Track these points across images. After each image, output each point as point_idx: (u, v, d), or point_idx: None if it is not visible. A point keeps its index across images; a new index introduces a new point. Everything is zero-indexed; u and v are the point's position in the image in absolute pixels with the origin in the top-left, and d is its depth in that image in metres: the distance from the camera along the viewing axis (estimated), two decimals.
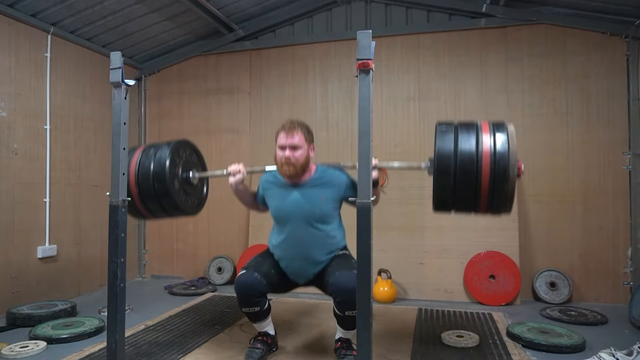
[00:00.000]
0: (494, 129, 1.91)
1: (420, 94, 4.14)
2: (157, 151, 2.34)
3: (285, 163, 2.29)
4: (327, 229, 2.37)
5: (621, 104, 3.68)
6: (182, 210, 2.43)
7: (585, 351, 2.55)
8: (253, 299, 2.31)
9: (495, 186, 1.85)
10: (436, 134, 1.92)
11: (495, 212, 1.98)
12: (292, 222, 2.35)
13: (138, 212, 2.42)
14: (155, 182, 2.28)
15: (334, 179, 2.38)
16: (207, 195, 2.72)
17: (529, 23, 3.87)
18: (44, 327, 2.89)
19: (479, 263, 3.69)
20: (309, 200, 2.32)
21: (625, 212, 3.64)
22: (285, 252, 2.41)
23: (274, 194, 2.44)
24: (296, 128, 2.31)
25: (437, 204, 1.99)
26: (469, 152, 1.85)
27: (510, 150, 1.83)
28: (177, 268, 4.74)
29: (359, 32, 1.77)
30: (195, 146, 2.62)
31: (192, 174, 2.50)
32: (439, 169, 1.88)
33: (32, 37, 3.58)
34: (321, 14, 4.43)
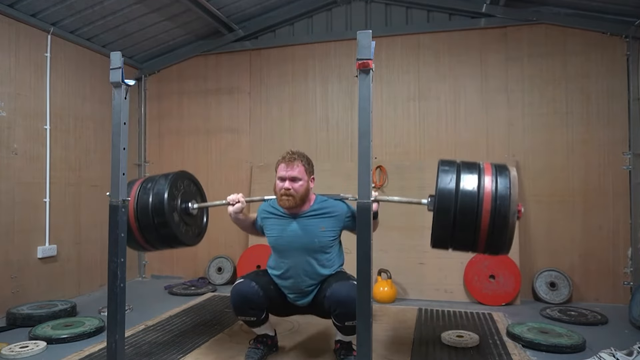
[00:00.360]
0: (496, 172, 1.91)
1: (420, 94, 4.14)
2: (155, 185, 2.33)
3: (284, 195, 2.27)
4: (325, 258, 2.35)
5: (621, 104, 3.68)
6: (182, 242, 2.43)
7: (585, 351, 2.55)
8: (249, 310, 2.29)
9: (494, 229, 1.85)
10: (438, 172, 1.92)
11: (493, 253, 1.99)
12: (291, 252, 2.33)
13: (138, 244, 2.41)
14: (154, 216, 2.28)
15: (334, 209, 2.37)
16: (207, 225, 2.72)
17: (529, 23, 3.87)
18: (44, 327, 2.89)
19: (479, 263, 3.69)
20: (308, 232, 2.31)
21: (625, 212, 3.64)
22: (284, 280, 2.38)
23: (273, 224, 2.41)
24: (296, 160, 2.30)
25: (435, 242, 2.00)
26: (470, 194, 1.86)
27: (511, 196, 1.83)
28: (177, 268, 4.74)
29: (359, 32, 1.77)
30: (193, 176, 2.62)
31: (191, 204, 2.49)
32: (439, 208, 1.88)
33: (32, 37, 3.58)
34: (321, 14, 4.43)
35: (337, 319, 2.20)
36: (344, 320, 2.17)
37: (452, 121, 4.07)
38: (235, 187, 4.50)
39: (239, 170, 4.55)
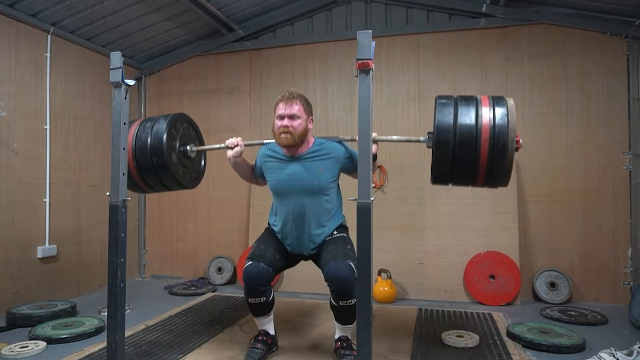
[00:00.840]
0: (493, 103, 1.91)
1: (420, 94, 4.14)
2: (155, 124, 2.32)
3: (283, 132, 2.30)
4: (325, 200, 2.38)
5: (621, 104, 3.68)
6: (180, 184, 2.43)
7: (585, 351, 2.55)
8: (260, 288, 2.32)
9: (493, 160, 1.86)
10: (436, 108, 1.93)
11: (493, 185, 2.00)
12: (291, 195, 2.37)
13: (136, 185, 2.42)
14: (152, 156, 2.27)
15: (333, 151, 2.39)
16: (204, 169, 2.71)
17: (529, 23, 3.87)
18: (44, 327, 2.89)
19: (479, 263, 3.69)
20: (308, 173, 2.34)
21: (625, 212, 3.64)
22: (285, 225, 2.42)
23: (272, 167, 2.44)
24: (295, 98, 2.33)
25: (436, 177, 2.01)
26: (468, 126, 1.87)
27: (509, 124, 1.84)
28: (177, 268, 4.74)
29: (359, 32, 1.77)
30: (192, 120, 2.61)
31: (189, 147, 2.49)
32: (438, 142, 1.89)
33: (32, 37, 3.58)
34: (321, 14, 4.43)
35: (333, 297, 2.24)
36: (338, 299, 2.21)
37: None
38: (235, 187, 4.51)
39: None
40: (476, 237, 3.78)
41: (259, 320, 2.47)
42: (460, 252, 3.79)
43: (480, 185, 2.00)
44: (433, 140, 1.91)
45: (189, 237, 4.71)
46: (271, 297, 2.41)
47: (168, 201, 4.76)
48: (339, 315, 2.33)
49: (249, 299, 2.36)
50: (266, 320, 2.47)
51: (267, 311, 2.44)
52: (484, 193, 3.80)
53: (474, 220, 3.82)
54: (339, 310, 2.27)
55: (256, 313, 2.44)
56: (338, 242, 2.37)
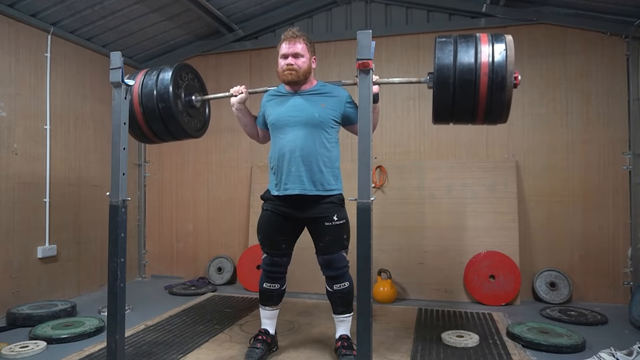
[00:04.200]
0: (492, 39, 1.94)
1: (420, 94, 4.13)
2: (160, 73, 2.34)
3: (287, 69, 2.31)
4: (325, 138, 2.35)
5: (621, 104, 3.68)
6: (186, 132, 2.46)
7: (585, 351, 2.55)
8: (277, 275, 2.45)
9: (493, 93, 1.90)
10: (436, 47, 1.96)
11: (492, 122, 2.03)
12: (291, 125, 2.34)
13: (143, 135, 2.44)
14: (159, 102, 2.29)
15: (335, 90, 2.41)
16: (209, 118, 2.75)
17: (529, 23, 3.87)
18: (44, 327, 2.89)
19: (479, 263, 3.69)
20: (309, 104, 2.34)
21: (625, 212, 3.64)
22: (281, 161, 2.35)
23: (274, 103, 2.45)
24: (298, 37, 2.33)
25: (437, 116, 2.05)
26: (467, 64, 1.90)
27: (508, 58, 1.88)
28: (177, 268, 4.74)
29: (359, 32, 1.78)
30: (197, 71, 2.63)
31: (194, 96, 2.52)
32: (439, 81, 1.93)
33: (32, 37, 3.58)
34: (321, 14, 4.43)
35: (328, 282, 2.37)
36: (332, 283, 2.34)
37: None
38: (235, 187, 4.51)
39: (239, 170, 4.55)
40: (476, 237, 3.78)
41: (265, 311, 2.48)
42: (460, 252, 3.79)
43: (480, 121, 2.04)
44: (434, 79, 1.94)
45: (189, 237, 4.71)
46: (284, 287, 2.49)
47: (168, 201, 4.76)
48: (335, 303, 2.38)
49: (264, 284, 2.44)
50: (271, 315, 2.49)
51: (276, 301, 2.48)
52: (484, 193, 3.82)
53: (474, 220, 3.82)
54: (335, 296, 2.35)
55: (265, 302, 2.47)
56: (337, 232, 2.33)
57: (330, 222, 2.34)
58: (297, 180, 2.32)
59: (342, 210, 2.39)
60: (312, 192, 2.31)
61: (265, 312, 2.50)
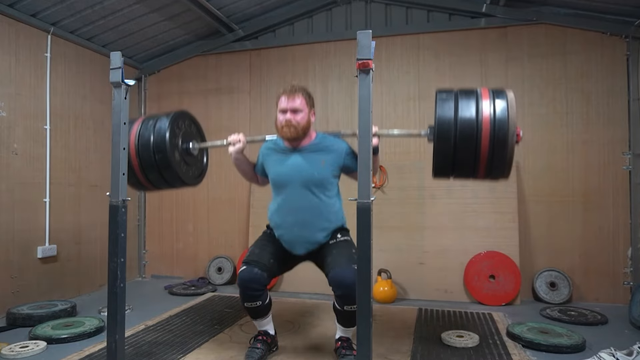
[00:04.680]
0: (493, 95, 1.92)
1: (420, 94, 4.13)
2: (157, 122, 2.32)
3: (286, 125, 2.30)
4: (325, 195, 2.36)
5: (621, 104, 3.68)
6: (183, 181, 2.44)
7: (585, 351, 2.55)
8: (254, 294, 2.31)
9: (494, 153, 1.87)
10: (436, 102, 1.93)
11: (494, 179, 2.01)
12: (291, 185, 2.34)
13: (139, 183, 2.42)
14: (155, 154, 2.27)
15: (334, 145, 2.39)
16: (207, 166, 2.72)
17: (529, 23, 3.87)
18: (44, 327, 2.89)
19: (479, 263, 3.69)
20: (309, 164, 2.33)
21: (625, 212, 3.64)
22: (283, 218, 2.38)
23: (273, 159, 2.44)
24: (297, 92, 2.32)
25: (437, 171, 2.01)
26: (469, 119, 1.87)
27: (510, 118, 1.85)
28: (177, 268, 4.74)
29: (359, 32, 1.77)
30: (194, 117, 2.61)
31: (192, 144, 2.50)
32: (439, 136, 1.89)
33: (32, 37, 3.58)
34: (321, 14, 4.43)
35: (338, 301, 2.23)
36: (343, 303, 2.20)
37: None
38: (235, 187, 4.51)
39: None
40: (476, 237, 3.78)
41: (257, 322, 2.46)
42: (460, 252, 3.79)
43: (481, 178, 2.01)
44: (434, 133, 1.91)
45: (189, 237, 4.71)
46: (267, 300, 2.39)
47: (168, 201, 4.76)
48: (342, 319, 2.31)
49: (245, 304, 2.35)
50: (265, 322, 2.47)
51: (264, 314, 2.43)
52: (484, 193, 3.81)
53: (474, 220, 3.82)
54: (343, 314, 2.26)
55: (253, 316, 2.43)
56: (343, 246, 2.34)
57: (334, 239, 2.37)
58: (299, 240, 2.38)
59: (345, 232, 2.43)
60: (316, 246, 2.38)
61: (256, 322, 2.47)
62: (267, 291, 2.38)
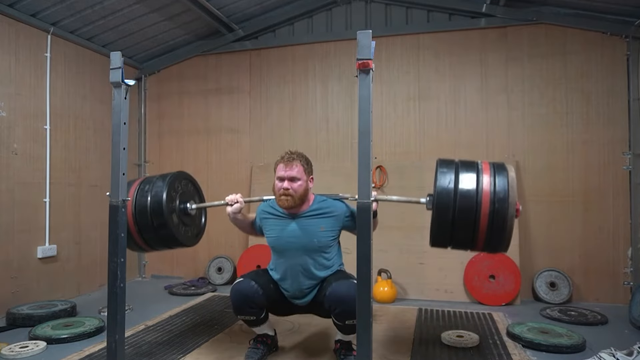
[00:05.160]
0: (494, 172, 1.91)
1: (420, 94, 4.13)
2: (153, 187, 2.32)
3: (283, 195, 2.28)
4: (324, 258, 2.36)
5: (621, 104, 3.68)
6: (181, 243, 2.43)
7: (585, 351, 2.55)
8: (248, 309, 2.30)
9: (493, 230, 1.85)
10: (437, 173, 1.92)
11: (492, 252, 2.00)
12: (290, 253, 2.34)
13: (137, 245, 2.41)
14: (153, 218, 2.28)
15: (333, 209, 2.37)
16: (205, 225, 2.72)
17: (529, 23, 3.87)
18: (44, 327, 2.89)
19: (479, 263, 3.69)
20: (308, 232, 2.32)
21: (625, 212, 3.64)
22: (283, 280, 2.40)
23: (272, 224, 2.42)
24: (295, 160, 2.31)
25: (435, 240, 2.00)
26: (468, 195, 1.86)
27: (510, 198, 1.83)
28: (177, 268, 4.74)
29: (359, 32, 1.77)
30: (191, 177, 2.62)
31: (189, 205, 2.49)
32: (438, 206, 1.88)
33: (32, 37, 3.58)
34: (321, 14, 4.43)
35: (338, 318, 2.20)
36: (344, 319, 2.17)
37: (452, 121, 4.07)
38: (235, 187, 4.49)
39: (239, 170, 4.55)
40: None
41: (254, 329, 2.45)
42: (460, 252, 3.74)
43: (479, 250, 2.00)
44: (433, 203, 1.90)
45: None
46: (263, 314, 2.37)
47: None
48: (343, 330, 2.29)
49: (239, 316, 2.35)
50: (262, 328, 2.45)
51: (261, 323, 2.41)
52: None
53: None
54: (344, 327, 2.24)
55: (250, 325, 2.42)
56: (337, 272, 2.37)
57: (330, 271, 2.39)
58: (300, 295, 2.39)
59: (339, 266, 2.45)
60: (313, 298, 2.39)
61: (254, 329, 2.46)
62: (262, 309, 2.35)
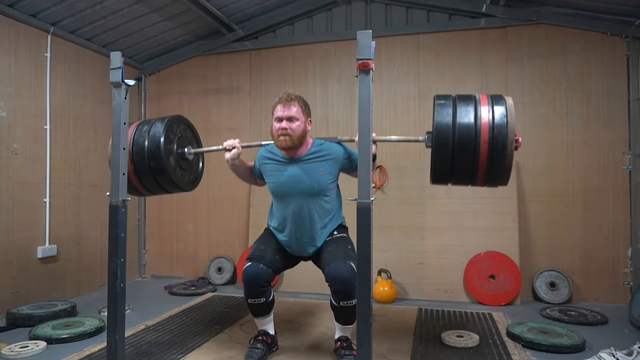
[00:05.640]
0: (492, 102, 1.91)
1: (420, 94, 4.13)
2: (151, 128, 2.31)
3: (282, 134, 2.30)
4: (325, 201, 2.39)
5: (621, 104, 3.68)
6: (178, 187, 2.43)
7: (585, 351, 2.55)
8: (259, 289, 2.33)
9: (493, 160, 1.86)
10: (434, 107, 1.92)
11: (492, 185, 2.00)
12: (291, 196, 2.37)
13: (134, 189, 2.41)
14: (150, 160, 2.27)
15: (332, 151, 2.39)
16: (202, 171, 2.71)
17: (529, 23, 3.87)
18: (44, 327, 2.89)
19: (479, 263, 3.69)
20: (307, 175, 2.34)
21: (625, 212, 3.64)
22: (284, 226, 2.43)
23: (271, 169, 2.44)
24: (293, 100, 2.32)
25: (435, 177, 2.00)
26: (467, 127, 1.86)
27: (509, 125, 1.84)
28: (177, 268, 4.74)
29: (359, 32, 1.77)
30: (189, 122, 2.60)
31: (187, 150, 2.48)
32: (437, 142, 1.88)
33: (32, 37, 3.58)
34: (321, 14, 4.43)
35: (334, 297, 2.25)
36: (339, 299, 2.22)
37: None
38: (235, 187, 4.51)
39: None
40: (476, 237, 3.78)
41: (258, 320, 2.47)
42: (460, 252, 3.79)
43: (480, 184, 2.00)
44: (432, 140, 1.90)
45: (189, 237, 4.71)
46: (271, 297, 2.41)
47: (168, 201, 4.76)
48: (339, 316, 2.34)
49: (249, 300, 2.36)
50: (266, 321, 2.48)
51: (267, 311, 2.44)
52: (484, 193, 3.81)
53: (474, 220, 3.82)
54: (340, 310, 2.28)
55: (256, 313, 2.44)
56: (338, 242, 2.38)
57: (330, 236, 2.40)
58: (301, 245, 2.42)
59: (342, 229, 2.46)
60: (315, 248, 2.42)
61: (258, 320, 2.48)
62: (271, 288, 2.41)
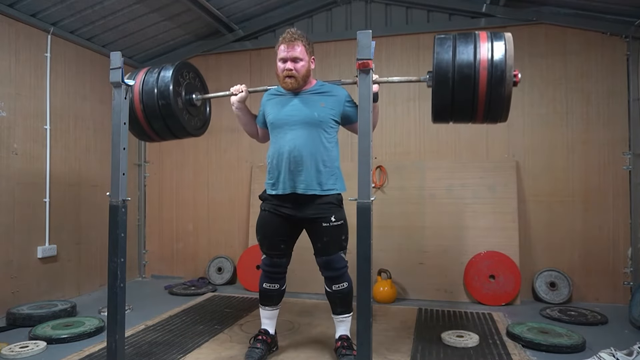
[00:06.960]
0: (491, 37, 1.94)
1: (420, 94, 4.13)
2: (161, 71, 2.36)
3: (287, 77, 2.30)
4: (324, 138, 2.33)
5: (621, 104, 3.68)
6: (186, 130, 2.46)
7: (585, 351, 2.55)
8: (277, 275, 2.45)
9: (492, 91, 1.89)
10: (435, 44, 1.95)
11: (492, 120, 2.02)
12: (290, 124, 2.33)
13: (144, 133, 2.45)
14: (159, 99, 2.30)
15: (334, 90, 2.40)
16: (210, 116, 2.76)
17: (529, 23, 3.87)
18: (44, 327, 2.89)
19: (479, 263, 3.69)
20: (308, 105, 2.33)
21: (625, 212, 3.64)
22: (279, 159, 2.33)
23: (274, 103, 2.44)
24: (297, 39, 2.29)
25: (436, 115, 2.04)
26: (467, 59, 1.89)
27: (507, 54, 1.87)
28: (177, 268, 4.74)
29: (359, 32, 1.78)
30: (197, 70, 2.64)
31: (194, 95, 2.53)
32: (438, 79, 1.92)
33: (32, 37, 3.58)
34: (321, 14, 4.43)
35: (327, 282, 2.36)
36: (331, 283, 2.34)
37: None
38: (235, 187, 4.51)
39: (239, 170, 4.55)
40: (476, 237, 3.78)
41: (265, 311, 2.48)
42: (460, 252, 3.79)
43: (480, 120, 2.03)
44: (433, 78, 1.93)
45: (189, 237, 4.71)
46: (284, 286, 2.49)
47: (168, 201, 4.76)
48: (334, 304, 2.39)
49: (264, 284, 2.44)
50: (271, 314, 2.49)
51: (276, 301, 2.48)
52: (484, 193, 3.82)
53: (474, 220, 3.82)
54: (334, 296, 2.36)
55: (266, 302, 2.47)
56: (335, 232, 2.32)
57: (328, 223, 2.32)
58: (295, 179, 2.30)
59: (340, 211, 2.37)
60: (309, 192, 2.30)
61: (265, 312, 2.50)
62: (285, 277, 2.50)
